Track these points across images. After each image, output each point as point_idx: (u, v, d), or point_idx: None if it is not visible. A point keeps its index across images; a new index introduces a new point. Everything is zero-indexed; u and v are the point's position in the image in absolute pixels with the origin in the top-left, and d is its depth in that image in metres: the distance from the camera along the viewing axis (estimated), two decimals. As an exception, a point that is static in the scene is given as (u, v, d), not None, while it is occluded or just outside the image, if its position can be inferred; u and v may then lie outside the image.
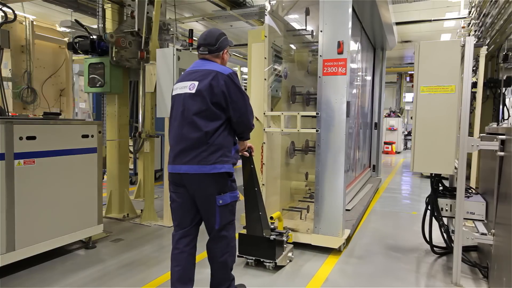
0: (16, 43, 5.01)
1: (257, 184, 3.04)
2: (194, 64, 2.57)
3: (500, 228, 2.86)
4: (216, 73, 2.39)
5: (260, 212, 3.13)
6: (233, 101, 2.40)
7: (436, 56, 3.26)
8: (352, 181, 6.10)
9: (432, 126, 3.27)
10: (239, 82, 2.46)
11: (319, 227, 3.84)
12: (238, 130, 2.55)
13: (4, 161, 3.00)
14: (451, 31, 12.12)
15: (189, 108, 2.38)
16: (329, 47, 3.72)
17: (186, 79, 2.49)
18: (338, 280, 3.26)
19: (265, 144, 3.98)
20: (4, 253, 3.01)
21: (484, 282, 3.22)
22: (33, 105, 5.16)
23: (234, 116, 2.44)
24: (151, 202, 4.92)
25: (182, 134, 2.40)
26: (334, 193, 3.76)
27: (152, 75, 4.60)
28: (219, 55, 2.58)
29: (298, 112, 3.84)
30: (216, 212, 2.43)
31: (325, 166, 3.78)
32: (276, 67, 4.18)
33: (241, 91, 2.44)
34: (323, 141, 3.78)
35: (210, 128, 2.35)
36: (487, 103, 7.46)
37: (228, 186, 2.46)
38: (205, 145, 2.35)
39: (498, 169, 2.94)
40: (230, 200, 2.48)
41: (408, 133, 18.13)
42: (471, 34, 7.95)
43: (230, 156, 2.47)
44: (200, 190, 2.42)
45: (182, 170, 2.39)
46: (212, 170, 2.35)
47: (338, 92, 3.68)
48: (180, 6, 8.85)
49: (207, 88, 2.35)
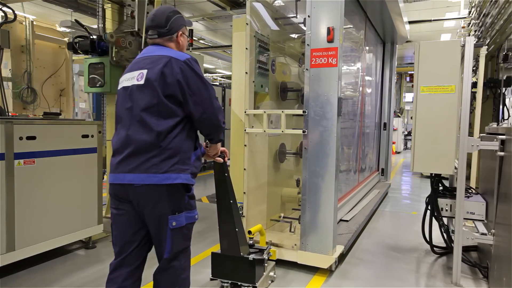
0: (16, 43, 5.01)
1: (232, 196, 2.61)
2: (144, 50, 2.13)
3: (500, 228, 2.86)
4: (169, 59, 1.94)
5: (237, 228, 2.66)
6: (193, 93, 1.94)
7: (436, 56, 3.26)
8: (354, 187, 5.54)
9: (432, 126, 3.27)
10: (200, 70, 2.02)
11: (306, 243, 3.33)
12: (204, 130, 2.08)
13: (4, 161, 3.00)
14: (451, 31, 12.12)
15: (137, 103, 1.93)
16: (318, 35, 3.21)
17: (133, 68, 2.04)
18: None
19: (246, 147, 3.52)
20: (4, 253, 3.01)
21: (484, 282, 3.22)
22: (33, 105, 5.16)
23: (196, 112, 1.97)
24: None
25: (128, 136, 1.93)
26: (324, 204, 3.25)
27: (152, 75, 4.59)
28: (173, 38, 2.12)
29: (282, 110, 3.36)
30: (167, 237, 1.96)
31: (313, 172, 3.27)
32: (261, 60, 3.71)
33: (204, 81, 2.00)
34: (311, 143, 3.27)
35: (163, 127, 1.89)
36: (487, 103, 7.46)
37: (184, 203, 1.99)
38: (156, 149, 1.88)
39: (498, 169, 2.94)
40: (186, 222, 2.00)
41: (408, 133, 18.13)
42: (471, 34, 7.95)
43: (189, 164, 1.98)
44: (150, 207, 1.94)
45: (126, 180, 1.92)
46: (165, 181, 1.88)
47: (328, 87, 3.18)
48: (180, 6, 8.85)
49: (158, 77, 1.90)
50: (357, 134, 5.65)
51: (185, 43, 2.21)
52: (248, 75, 3.51)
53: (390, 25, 6.26)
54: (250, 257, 2.79)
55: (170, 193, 1.93)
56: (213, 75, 19.96)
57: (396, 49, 7.72)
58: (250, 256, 2.80)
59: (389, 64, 7.63)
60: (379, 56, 7.34)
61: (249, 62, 3.52)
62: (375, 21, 6.14)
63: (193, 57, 2.04)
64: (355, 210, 4.90)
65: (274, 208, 4.16)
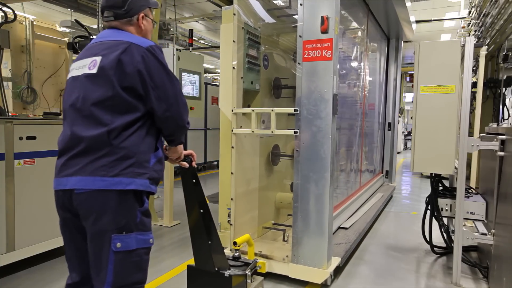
0: (16, 43, 5.01)
1: (203, 205, 2.28)
2: (99, 35, 1.81)
3: (500, 228, 2.86)
4: (129, 45, 1.63)
5: (210, 241, 2.31)
6: (156, 87, 1.64)
7: (436, 56, 3.26)
8: (355, 192, 5.21)
9: (432, 126, 3.27)
10: (165, 60, 1.73)
11: (298, 255, 3.04)
12: (166, 130, 1.76)
13: (4, 161, 3.00)
14: (451, 31, 12.12)
15: (87, 96, 1.61)
16: (311, 25, 2.92)
17: (86, 54, 1.72)
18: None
19: (234, 148, 3.27)
20: (4, 253, 3.01)
21: (484, 282, 3.22)
22: (33, 105, 5.15)
23: (159, 108, 1.66)
24: (151, 202, 4.92)
25: (73, 133, 1.62)
26: (318, 212, 2.97)
27: (152, 75, 4.59)
28: (133, 21, 1.78)
29: (272, 109, 3.09)
30: (109, 263, 1.57)
31: (306, 177, 2.99)
32: (251, 54, 3.45)
33: (169, 73, 1.70)
34: (303, 145, 2.98)
35: (117, 123, 1.58)
36: (487, 103, 7.46)
37: (135, 220, 1.61)
38: (107, 148, 1.57)
39: (498, 169, 2.94)
40: (137, 246, 1.61)
41: (408, 133, 18.14)
42: (471, 34, 7.95)
43: (147, 167, 1.65)
44: (91, 221, 1.58)
45: (69, 185, 1.58)
46: (115, 186, 1.55)
47: (322, 83, 2.90)
48: (180, 6, 8.85)
49: (114, 65, 1.59)
50: (358, 134, 5.42)
51: (149, 27, 1.88)
52: (236, 70, 3.25)
53: (394, 19, 5.91)
54: (226, 273, 2.42)
55: (118, 203, 1.57)
56: (213, 75, 19.96)
57: (402, 46, 7.36)
58: (226, 272, 2.44)
59: (393, 61, 7.28)
60: (383, 52, 7.04)
61: (237, 56, 3.25)
62: (378, 15, 5.79)
63: (157, 45, 1.74)
64: (356, 216, 4.60)
65: (267, 215, 3.89)
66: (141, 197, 1.65)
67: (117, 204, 1.57)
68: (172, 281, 3.17)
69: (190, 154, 2.08)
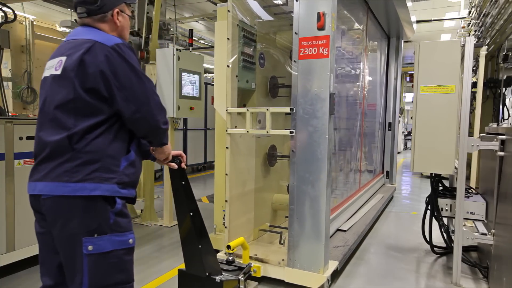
0: (16, 43, 5.02)
1: (193, 207, 2.21)
2: (71, 32, 1.74)
3: (500, 228, 2.86)
4: (93, 44, 1.55)
5: (200, 245, 2.25)
6: (123, 87, 1.56)
7: (436, 56, 3.26)
8: (355, 193, 5.13)
9: (432, 126, 3.27)
10: (133, 58, 1.63)
11: (294, 259, 2.95)
12: (139, 132, 1.69)
13: (4, 161, 3.00)
14: (451, 31, 12.13)
15: (51, 98, 1.58)
16: (307, 22, 2.83)
17: (55, 54, 1.67)
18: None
19: (229, 149, 3.20)
20: (4, 253, 3.01)
21: (484, 282, 3.22)
22: (33, 105, 5.16)
23: (127, 110, 1.58)
24: (151, 202, 4.92)
25: (40, 138, 1.59)
26: (315, 215, 2.87)
27: (152, 75, 4.61)
28: (106, 17, 1.70)
29: (267, 108, 2.98)
30: (83, 266, 1.54)
31: (302, 179, 2.90)
32: (246, 52, 3.38)
33: (137, 72, 1.61)
34: (299, 145, 2.90)
35: (80, 127, 1.53)
36: (487, 103, 7.47)
37: (108, 222, 1.57)
38: (69, 153, 1.52)
39: (498, 169, 2.94)
40: (113, 248, 1.58)
41: (408, 133, 18.15)
42: (471, 34, 7.95)
43: (117, 171, 1.59)
44: (59, 227, 1.56)
45: (36, 190, 1.56)
46: (78, 192, 1.51)
47: (318, 81, 2.81)
48: (180, 6, 8.85)
49: (76, 66, 1.53)
50: (357, 134, 5.36)
51: (125, 24, 1.78)
52: (230, 69, 3.16)
53: (395, 18, 5.83)
54: (217, 278, 2.37)
55: (85, 209, 1.53)
56: (213, 75, 19.97)
57: (402, 45, 7.26)
58: (218, 277, 2.38)
59: (394, 61, 7.19)
60: (383, 52, 6.95)
61: (231, 54, 3.17)
62: (378, 13, 5.72)
63: (125, 42, 1.65)
64: (355, 218, 4.51)
65: (264, 217, 3.79)
66: (113, 199, 1.59)
67: (84, 208, 1.53)
68: (172, 281, 3.16)
69: (179, 155, 2.02)
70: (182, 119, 5.60)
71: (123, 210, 1.63)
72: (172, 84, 4.28)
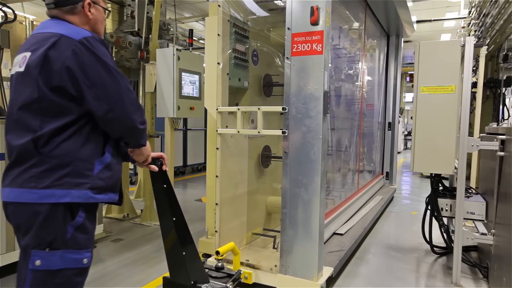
0: (16, 43, 5.01)
1: (176, 212, 2.08)
2: (39, 25, 1.59)
3: (500, 228, 2.86)
4: (59, 38, 1.42)
5: (184, 252, 2.13)
6: (93, 85, 1.43)
7: (436, 56, 3.26)
8: (353, 195, 4.98)
9: (432, 126, 3.27)
10: (104, 53, 1.48)
11: (287, 266, 2.81)
12: (113, 133, 1.55)
13: (4, 161, 3.00)
14: (451, 31, 12.14)
15: (15, 98, 1.47)
16: (300, 16, 2.69)
17: (20, 49, 1.54)
18: None
19: (219, 150, 3.08)
20: (4, 253, 3.01)
21: (484, 282, 3.22)
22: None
23: (99, 110, 1.45)
24: (151, 202, 4.92)
25: (7, 142, 1.49)
26: (308, 219, 2.73)
27: (152, 75, 4.60)
28: (76, 9, 1.56)
29: (258, 107, 2.87)
30: (26, 282, 1.41)
31: (295, 181, 2.76)
32: (238, 49, 3.26)
33: (108, 68, 1.47)
34: (292, 146, 2.76)
35: (46, 129, 1.41)
36: (487, 103, 7.47)
37: (64, 236, 1.43)
38: (35, 157, 1.41)
39: (498, 169, 2.94)
40: (63, 266, 1.42)
41: (408, 133, 18.15)
42: (471, 34, 7.96)
43: (89, 176, 1.47)
44: (20, 233, 1.49)
45: (3, 196, 1.48)
46: (46, 199, 1.39)
47: (312, 79, 2.67)
48: (180, 6, 8.86)
49: (40, 63, 1.41)
50: (356, 135, 5.24)
51: (99, 17, 1.64)
52: (221, 66, 3.04)
53: (394, 15, 5.67)
54: (203, 286, 2.25)
55: (46, 218, 1.40)
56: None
57: (402, 43, 7.14)
58: (204, 285, 2.26)
59: (393, 59, 7.06)
60: (382, 50, 6.83)
61: (222, 51, 3.05)
62: (377, 10, 5.58)
63: (96, 36, 1.50)
64: (352, 221, 4.36)
65: (257, 220, 3.67)
66: (77, 209, 1.46)
67: (45, 218, 1.40)
68: (172, 281, 3.16)
69: (160, 156, 1.91)
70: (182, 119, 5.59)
71: (85, 224, 1.48)
72: (172, 84, 4.28)
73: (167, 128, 4.62)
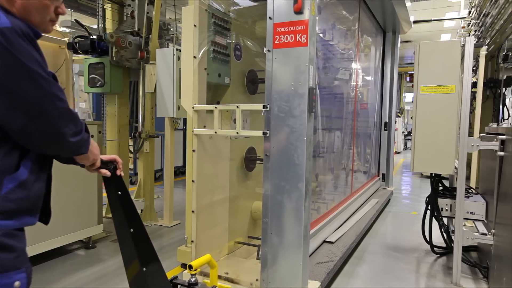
0: None
1: (134, 223, 1.76)
2: None
3: (500, 228, 2.86)
4: None
5: (144, 268, 1.86)
6: (6, 91, 1.12)
7: (436, 56, 3.26)
8: (345, 200, 4.69)
9: (432, 126, 3.27)
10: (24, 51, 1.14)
11: (268, 280, 2.52)
12: (34, 149, 1.25)
13: None
14: (451, 31, 12.14)
15: None
16: (283, 4, 2.41)
17: None
18: None
19: (195, 152, 2.77)
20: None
21: (484, 282, 3.22)
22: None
23: (13, 122, 1.15)
24: (151, 202, 4.92)
25: None
26: (291, 229, 2.47)
27: (152, 75, 4.60)
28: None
29: (237, 106, 2.57)
30: None
31: (277, 187, 2.48)
32: (218, 42, 2.98)
33: (28, 70, 1.13)
34: (274, 149, 2.47)
35: None
36: (487, 103, 7.47)
37: None
38: None
39: (498, 169, 2.94)
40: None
41: (408, 133, 18.15)
42: (471, 34, 7.96)
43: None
44: None
45: None
46: None
47: (296, 74, 2.38)
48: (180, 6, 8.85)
49: None
50: (349, 135, 4.97)
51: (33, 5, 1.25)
52: (197, 60, 2.75)
53: (390, 10, 5.41)
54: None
55: None
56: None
57: (399, 39, 6.88)
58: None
59: (390, 57, 6.78)
60: (378, 47, 6.54)
61: (198, 44, 2.77)
62: (372, 4, 5.33)
63: (20, 27, 1.15)
64: (345, 228, 4.07)
65: (241, 228, 3.39)
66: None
67: None
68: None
69: (114, 159, 1.60)
70: (182, 119, 5.59)
71: (5, 242, 1.19)
72: (172, 84, 4.28)
73: (167, 128, 4.62)
